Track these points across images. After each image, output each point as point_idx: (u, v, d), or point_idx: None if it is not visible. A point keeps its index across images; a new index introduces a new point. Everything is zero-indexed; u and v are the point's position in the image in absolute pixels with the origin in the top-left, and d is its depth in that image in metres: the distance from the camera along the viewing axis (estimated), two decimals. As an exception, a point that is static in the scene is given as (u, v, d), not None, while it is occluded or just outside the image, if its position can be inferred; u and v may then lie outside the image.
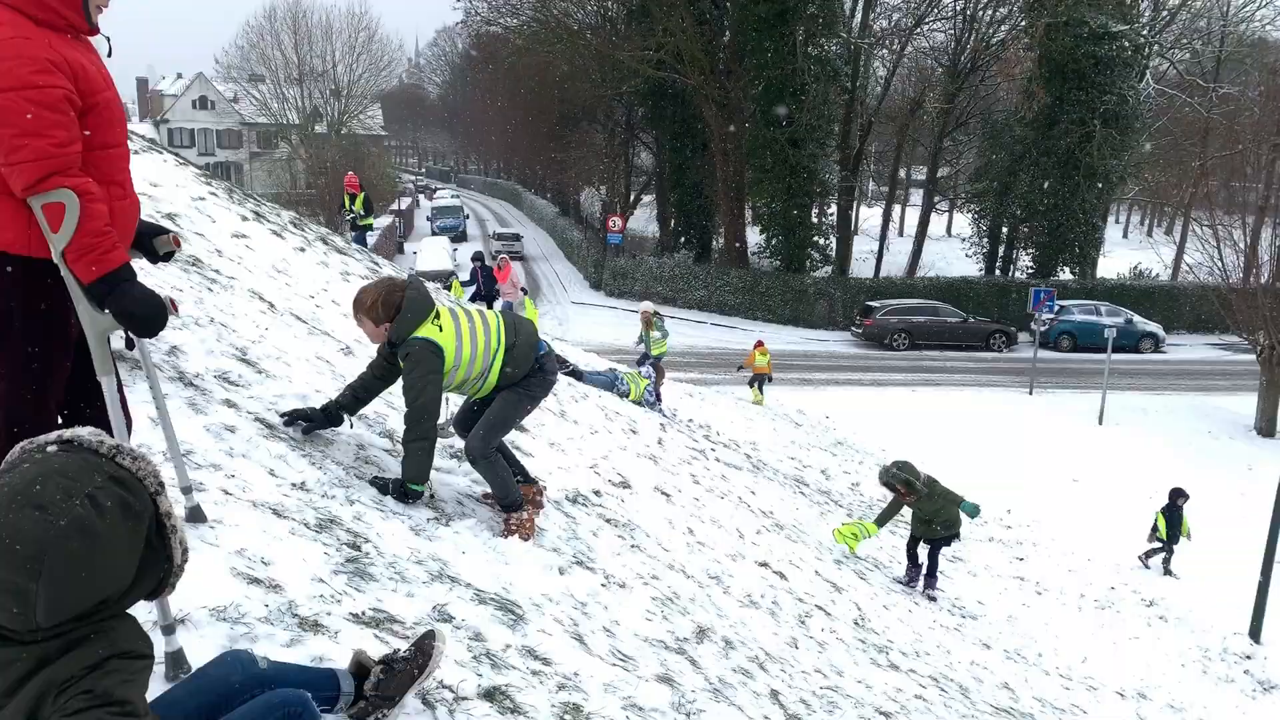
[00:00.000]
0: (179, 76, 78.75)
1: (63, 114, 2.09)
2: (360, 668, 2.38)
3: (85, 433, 1.51)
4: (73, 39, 2.22)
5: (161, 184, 7.06)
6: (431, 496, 4.17)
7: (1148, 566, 13.62)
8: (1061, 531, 14.16)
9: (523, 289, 17.69)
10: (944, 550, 8.80)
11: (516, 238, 48.49)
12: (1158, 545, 13.61)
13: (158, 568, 1.55)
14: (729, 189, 35.32)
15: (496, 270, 17.16)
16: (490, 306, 14.57)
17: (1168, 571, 13.44)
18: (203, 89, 70.05)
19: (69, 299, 2.28)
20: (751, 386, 19.39)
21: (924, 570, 8.62)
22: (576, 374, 10.58)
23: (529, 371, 4.23)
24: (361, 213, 17.26)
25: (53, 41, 2.14)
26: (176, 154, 9.41)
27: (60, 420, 2.49)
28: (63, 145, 2.09)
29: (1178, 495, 13.66)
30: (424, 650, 2.51)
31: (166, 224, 6.08)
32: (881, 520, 8.64)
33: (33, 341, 2.30)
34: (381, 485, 3.96)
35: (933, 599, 8.53)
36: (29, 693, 1.41)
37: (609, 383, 10.89)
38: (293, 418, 4.12)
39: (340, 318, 6.42)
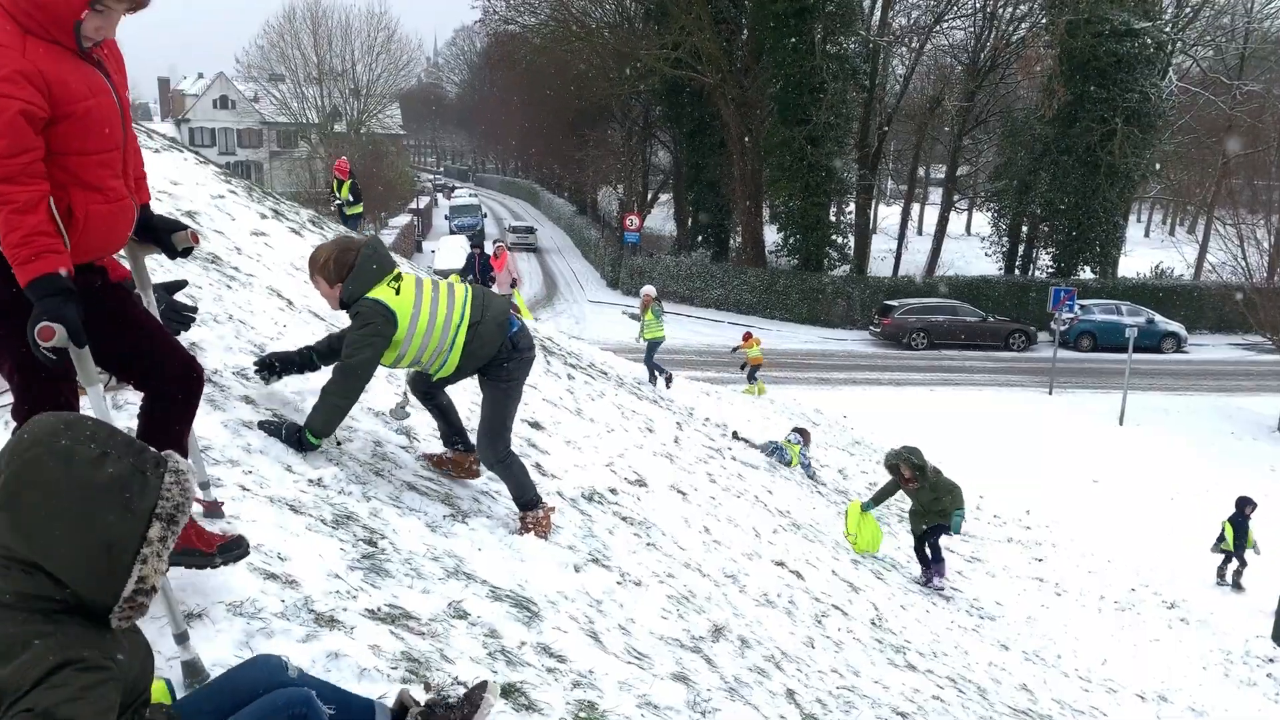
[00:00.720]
0: (200, 76, 79.40)
1: (12, 125, 2.11)
2: (402, 707, 2.32)
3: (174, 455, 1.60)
4: (60, 49, 2.24)
5: (182, 182, 7.10)
6: (339, 445, 4.01)
7: (1224, 581, 12.85)
8: (1081, 532, 14.03)
9: (513, 279, 17.43)
10: (944, 540, 8.87)
11: (531, 230, 50.27)
12: (1227, 555, 12.88)
13: (107, 582, 1.49)
14: (746, 187, 35.24)
15: (493, 259, 16.83)
16: None
17: (1237, 585, 12.71)
18: (223, 88, 70.59)
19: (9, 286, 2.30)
20: (753, 380, 19.16)
21: (931, 559, 8.66)
22: (737, 436, 10.95)
23: (502, 354, 4.02)
24: (350, 199, 16.67)
25: (31, 50, 2.16)
26: (197, 153, 9.48)
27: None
28: (3, 155, 2.12)
29: (1245, 504, 12.88)
30: (472, 701, 2.41)
31: (186, 221, 6.12)
32: (875, 501, 8.68)
33: (21, 330, 2.32)
34: (273, 428, 3.74)
35: (940, 589, 8.53)
36: None
37: (774, 449, 11.35)
38: (265, 364, 4.04)
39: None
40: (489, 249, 17.47)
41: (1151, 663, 9.06)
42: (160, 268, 4.65)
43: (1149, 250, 45.64)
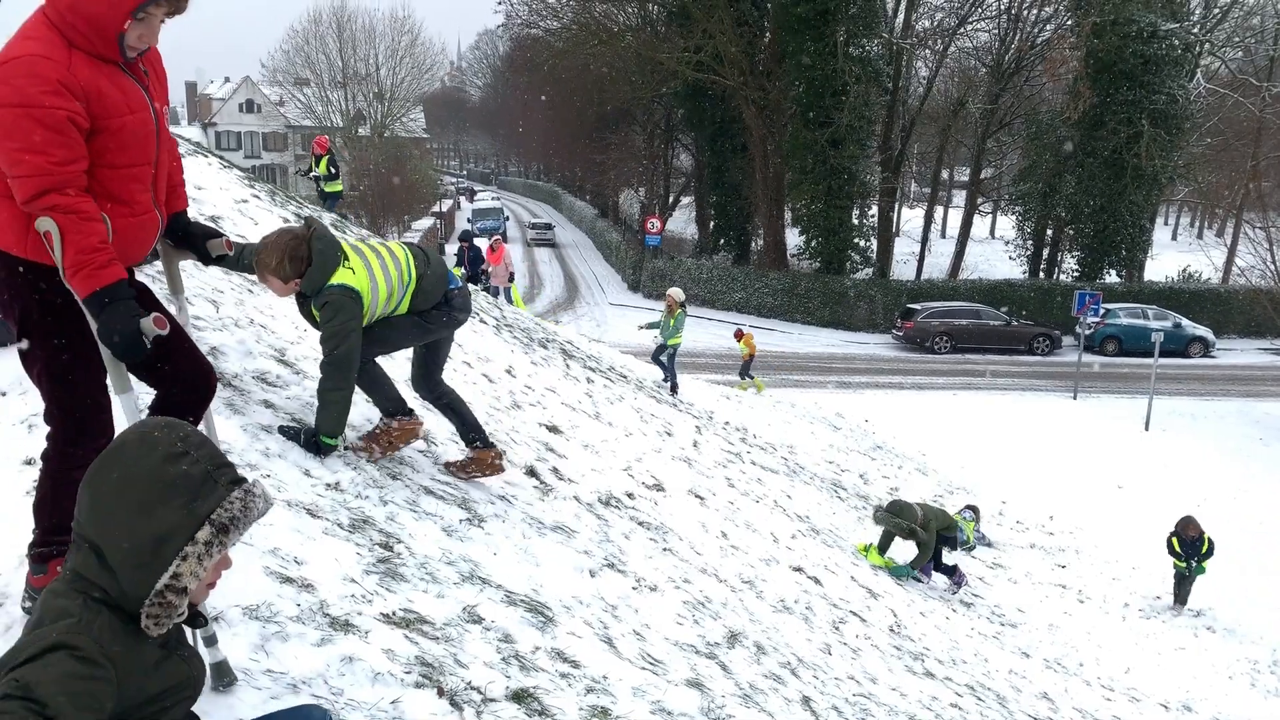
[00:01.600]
0: (226, 80, 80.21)
1: (63, 134, 2.17)
2: None
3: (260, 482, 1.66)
4: (103, 63, 2.29)
5: (206, 187, 7.18)
6: (347, 448, 4.03)
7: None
8: (1105, 539, 13.89)
9: (510, 273, 16.57)
10: (955, 551, 8.87)
11: (549, 227, 53.57)
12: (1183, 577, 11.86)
13: (146, 574, 1.51)
14: (768, 190, 35.16)
15: (489, 252, 16.22)
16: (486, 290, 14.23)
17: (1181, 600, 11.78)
18: (249, 92, 71.23)
19: (44, 291, 2.36)
20: (750, 378, 18.88)
21: (946, 569, 8.66)
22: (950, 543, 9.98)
23: (437, 304, 4.05)
24: (327, 174, 16.09)
25: (76, 64, 2.21)
26: (222, 157, 9.57)
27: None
28: (61, 164, 2.18)
29: (1189, 525, 11.60)
30: None
31: (215, 227, 6.18)
32: (882, 549, 8.57)
33: (57, 334, 2.39)
34: (292, 434, 3.78)
35: (955, 592, 8.52)
36: (6, 654, 1.43)
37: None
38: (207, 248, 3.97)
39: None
40: (487, 243, 16.79)
41: (1176, 672, 8.96)
42: (184, 274, 4.70)
43: (1176, 253, 45.12)
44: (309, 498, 3.45)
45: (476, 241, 17.95)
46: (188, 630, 1.87)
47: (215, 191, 7.28)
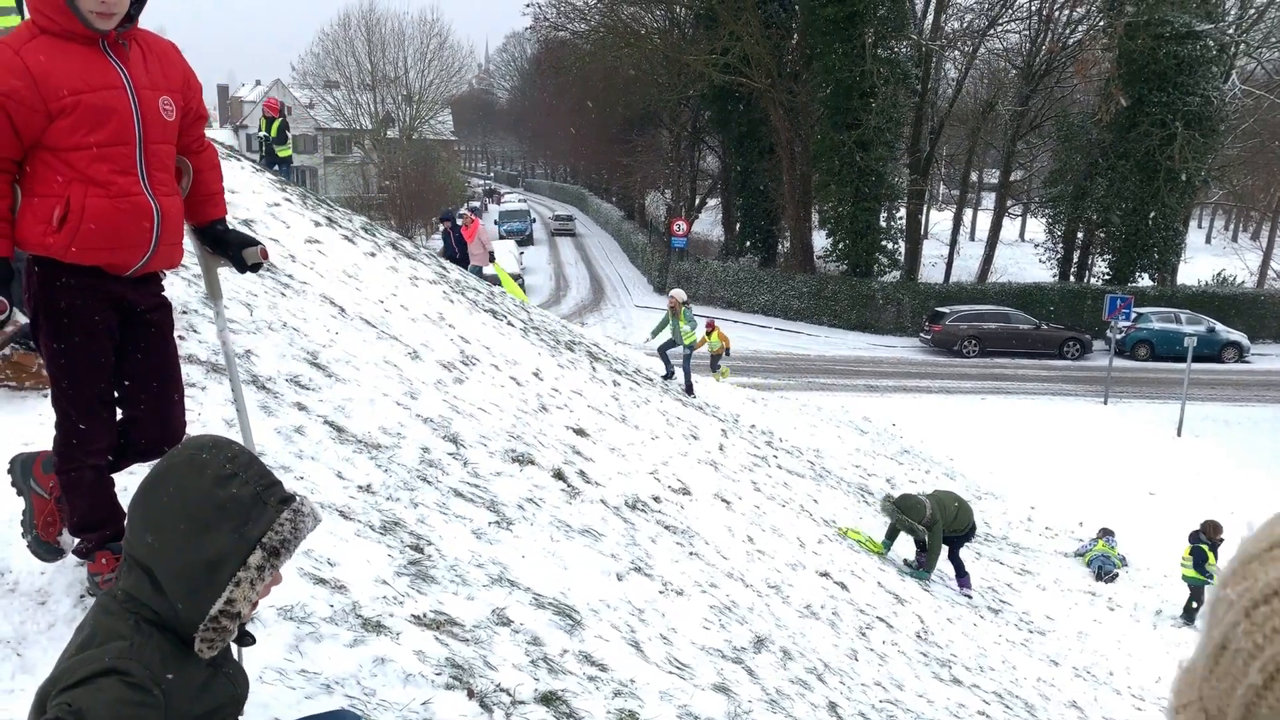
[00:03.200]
0: (257, 83, 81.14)
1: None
2: None
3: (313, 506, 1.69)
4: (71, 42, 2.30)
5: (239, 190, 7.28)
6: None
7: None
8: (1137, 546, 13.72)
9: (489, 252, 16.01)
10: (964, 549, 8.72)
11: (570, 219, 57.19)
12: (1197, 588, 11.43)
13: (200, 599, 1.51)
14: (795, 192, 35.05)
15: (464, 229, 15.66)
16: (465, 267, 13.87)
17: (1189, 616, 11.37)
18: (280, 95, 71.89)
19: (91, 296, 2.40)
20: (718, 368, 18.71)
21: (954, 572, 8.54)
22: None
23: None
24: (278, 137, 15.75)
25: (34, 47, 2.26)
26: (254, 161, 9.70)
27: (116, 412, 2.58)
28: None
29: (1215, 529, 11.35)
30: None
31: (242, 229, 6.27)
32: (887, 541, 8.46)
33: (57, 337, 2.42)
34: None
35: (969, 598, 8.41)
36: (56, 670, 1.46)
37: (1101, 562, 12.12)
38: None
39: (409, 322, 6.55)
40: (458, 221, 16.02)
41: (1208, 682, 8.82)
42: (225, 281, 4.77)
43: (1210, 257, 44.49)
44: (341, 500, 3.50)
45: (506, 240, 17.68)
46: (233, 645, 1.89)
47: (248, 195, 7.38)
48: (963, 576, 8.53)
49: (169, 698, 1.49)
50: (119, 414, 2.58)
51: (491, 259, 16.14)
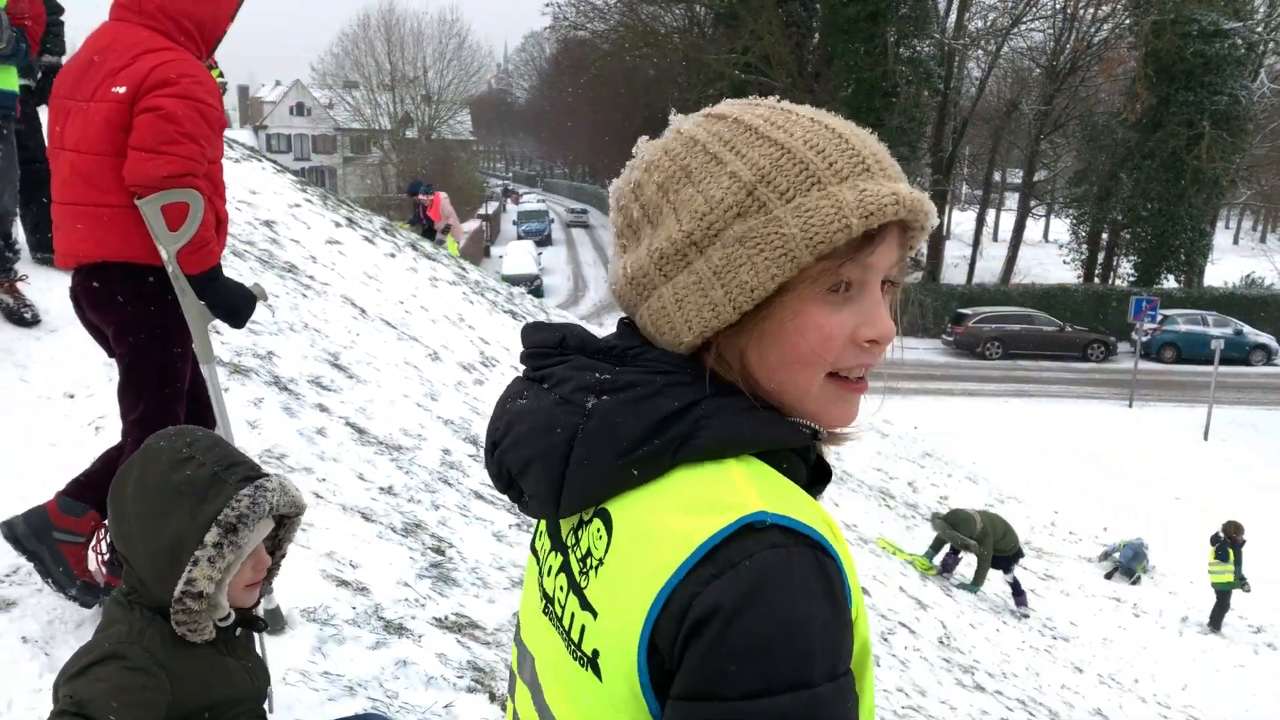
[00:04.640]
0: (277, 84, 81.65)
1: (215, 134, 2.45)
2: None
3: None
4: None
5: (260, 191, 7.32)
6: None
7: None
8: (1162, 551, 13.56)
9: (448, 225, 15.42)
10: (1014, 567, 8.71)
11: (584, 211, 59.30)
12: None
13: (168, 583, 1.51)
14: (815, 193, 34.91)
15: (429, 210, 15.40)
16: (432, 240, 13.85)
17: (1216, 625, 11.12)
18: (299, 95, 72.46)
19: (170, 296, 2.45)
20: None
21: (1011, 591, 8.56)
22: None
23: None
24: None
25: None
26: (275, 161, 9.75)
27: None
28: (206, 159, 2.42)
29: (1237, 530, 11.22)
30: None
31: (264, 230, 6.31)
32: (930, 554, 8.50)
33: (170, 339, 2.51)
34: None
35: (1026, 616, 8.39)
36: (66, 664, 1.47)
37: (1130, 558, 12.00)
38: None
39: (429, 323, 6.56)
40: (423, 196, 15.89)
41: (1235, 689, 8.71)
42: (238, 275, 4.79)
43: (1238, 258, 43.95)
44: (363, 502, 3.50)
45: (524, 240, 17.61)
46: (255, 637, 1.88)
47: (269, 196, 7.42)
48: (1019, 595, 8.57)
49: (174, 681, 1.50)
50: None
51: (448, 231, 15.92)
